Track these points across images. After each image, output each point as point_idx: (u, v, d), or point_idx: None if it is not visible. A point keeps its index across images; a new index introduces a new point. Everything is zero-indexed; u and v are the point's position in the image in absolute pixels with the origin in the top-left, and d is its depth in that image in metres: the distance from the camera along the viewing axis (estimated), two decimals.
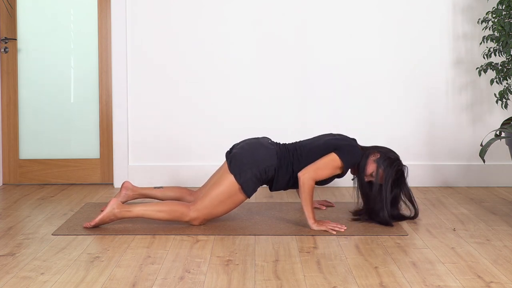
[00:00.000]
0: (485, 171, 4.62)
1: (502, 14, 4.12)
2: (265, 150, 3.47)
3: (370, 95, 4.61)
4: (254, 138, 3.61)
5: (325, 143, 3.50)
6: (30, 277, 2.67)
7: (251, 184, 3.42)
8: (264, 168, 3.43)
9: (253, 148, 3.48)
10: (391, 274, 2.69)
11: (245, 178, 3.39)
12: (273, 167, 3.45)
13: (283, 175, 3.48)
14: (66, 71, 4.75)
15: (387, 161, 3.46)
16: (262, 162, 3.43)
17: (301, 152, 3.50)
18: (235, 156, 3.46)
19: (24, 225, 3.55)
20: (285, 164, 3.47)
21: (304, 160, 3.47)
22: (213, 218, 3.50)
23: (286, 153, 3.50)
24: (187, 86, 4.65)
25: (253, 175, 3.40)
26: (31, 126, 4.76)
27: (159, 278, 2.66)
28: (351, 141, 3.54)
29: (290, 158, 3.49)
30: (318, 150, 3.49)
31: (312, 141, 3.59)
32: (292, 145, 3.57)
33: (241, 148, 3.50)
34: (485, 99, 4.63)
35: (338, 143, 3.48)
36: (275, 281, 2.61)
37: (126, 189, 3.81)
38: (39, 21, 4.73)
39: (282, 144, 3.58)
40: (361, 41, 4.61)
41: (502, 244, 3.13)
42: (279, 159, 3.47)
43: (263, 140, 3.57)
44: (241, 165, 3.41)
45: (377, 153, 3.50)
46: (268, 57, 4.62)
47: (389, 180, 3.43)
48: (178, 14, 4.62)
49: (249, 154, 3.45)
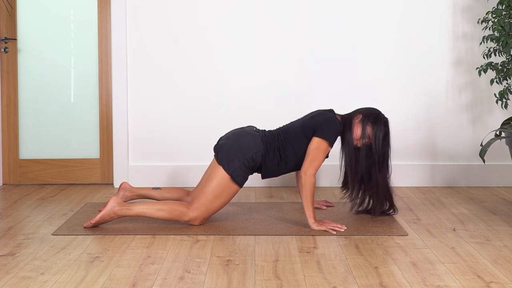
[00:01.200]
0: (485, 171, 4.62)
1: (502, 14, 4.12)
2: (250, 137, 3.49)
3: (369, 94, 4.61)
4: (239, 128, 3.62)
5: (303, 124, 3.51)
6: (30, 277, 2.67)
7: (240, 173, 3.42)
8: (251, 155, 3.44)
9: (238, 137, 3.50)
10: (391, 274, 2.69)
11: (233, 168, 3.41)
12: (259, 153, 3.46)
13: (270, 160, 3.49)
14: (66, 71, 4.75)
15: (371, 117, 3.49)
16: (248, 150, 3.44)
17: (285, 136, 3.52)
18: (221, 147, 3.48)
19: (24, 225, 3.55)
20: (272, 149, 3.48)
21: (289, 144, 3.49)
22: (212, 214, 3.50)
23: (271, 138, 3.52)
24: (187, 86, 4.65)
25: (241, 163, 3.42)
26: (31, 126, 4.76)
27: (159, 278, 2.66)
28: (327, 113, 3.52)
29: (276, 143, 3.50)
30: (298, 132, 3.49)
31: (292, 124, 3.59)
32: (276, 130, 3.59)
33: (226, 139, 3.52)
34: (485, 99, 4.63)
35: (315, 123, 3.47)
36: (275, 281, 2.61)
37: (124, 190, 3.81)
38: (39, 21, 4.73)
39: (268, 130, 3.60)
40: (361, 41, 4.61)
41: (502, 244, 3.13)
42: (265, 144, 3.48)
43: (248, 128, 3.59)
44: (228, 155, 3.42)
45: (359, 114, 3.51)
46: (268, 58, 4.62)
47: (379, 135, 3.46)
48: (178, 14, 4.62)
49: (235, 143, 3.46)
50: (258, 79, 4.64)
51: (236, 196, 4.31)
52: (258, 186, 4.66)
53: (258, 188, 4.61)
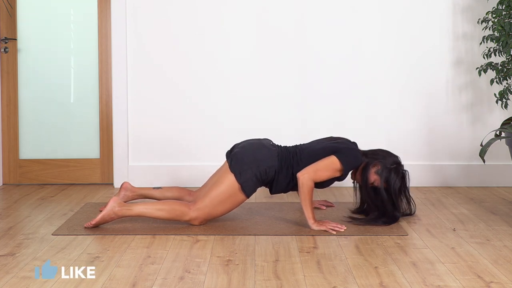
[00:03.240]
0: (485, 171, 4.62)
1: (502, 14, 4.12)
2: (266, 150, 3.47)
3: (370, 95, 4.61)
4: (255, 139, 3.61)
5: (325, 147, 3.51)
6: (30, 277, 2.67)
7: (251, 184, 3.42)
8: (265, 168, 3.43)
9: (255, 148, 3.48)
10: (391, 274, 2.69)
11: (245, 178, 3.39)
12: (273, 168, 3.44)
13: (283, 177, 3.48)
14: (66, 71, 4.75)
15: (387, 171, 3.48)
16: (263, 163, 3.43)
17: (301, 155, 3.50)
18: (236, 155, 3.46)
19: (24, 225, 3.55)
20: (285, 167, 3.47)
21: (304, 164, 3.47)
22: (213, 218, 3.50)
23: (287, 155, 3.50)
24: (187, 86, 4.65)
25: (253, 175, 3.40)
26: (31, 126, 4.76)
27: (159, 278, 2.66)
28: (351, 144, 3.55)
29: (290, 161, 3.48)
30: (318, 154, 3.49)
31: (312, 144, 3.59)
32: (293, 148, 3.58)
33: (242, 148, 3.51)
34: (485, 99, 4.63)
35: (338, 146, 3.49)
36: (275, 281, 2.61)
37: (125, 190, 3.82)
38: (39, 21, 4.72)
39: (284, 146, 3.59)
40: (361, 41, 4.61)
41: (502, 244, 3.13)
42: (280, 161, 3.47)
43: (265, 141, 3.58)
44: (242, 165, 3.41)
45: (378, 164, 3.51)
46: (268, 58, 4.62)
47: (395, 187, 3.46)
48: (178, 14, 4.62)
49: (250, 154, 3.45)
50: (258, 78, 4.64)
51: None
52: None
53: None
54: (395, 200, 3.49)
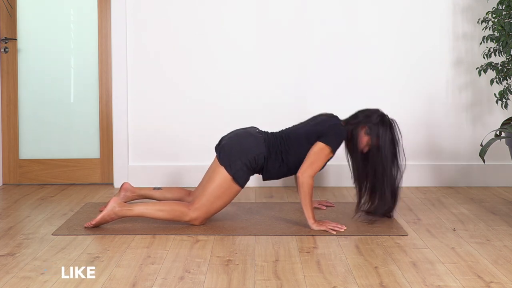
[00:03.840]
0: (485, 171, 4.62)
1: (502, 14, 4.12)
2: (253, 138, 3.48)
3: (370, 94, 4.61)
4: (241, 129, 3.62)
5: (308, 132, 3.50)
6: (30, 277, 2.67)
7: (242, 174, 3.42)
8: (253, 156, 3.43)
9: (241, 138, 3.49)
10: (391, 274, 2.69)
11: (235, 168, 3.41)
12: (262, 155, 3.45)
13: (272, 162, 3.48)
14: (66, 71, 4.75)
15: (375, 127, 3.46)
16: (250, 151, 3.44)
17: (288, 140, 3.51)
18: (224, 147, 3.48)
19: (24, 225, 3.55)
20: (274, 152, 3.48)
21: (292, 149, 3.48)
22: (213, 214, 3.49)
23: (274, 140, 3.51)
24: (188, 86, 4.65)
25: (243, 164, 3.41)
26: (31, 126, 4.76)
27: (159, 278, 2.66)
28: (332, 120, 3.51)
29: (278, 146, 3.50)
30: (301, 139, 3.49)
31: (296, 128, 3.58)
32: (279, 133, 3.58)
33: (229, 139, 3.52)
34: (485, 99, 4.63)
35: (321, 129, 3.46)
36: (275, 281, 2.61)
37: (125, 190, 3.82)
38: (39, 21, 4.73)
39: (270, 132, 3.59)
40: (361, 41, 4.61)
41: (502, 244, 3.13)
42: (268, 147, 3.48)
43: (251, 129, 3.58)
44: (230, 156, 3.42)
45: (364, 126, 3.48)
46: (269, 57, 4.62)
47: (386, 139, 3.45)
48: (178, 14, 4.62)
49: (237, 144, 3.46)
50: (258, 78, 4.64)
51: (236, 197, 4.30)
52: (258, 186, 4.66)
53: (258, 188, 4.61)
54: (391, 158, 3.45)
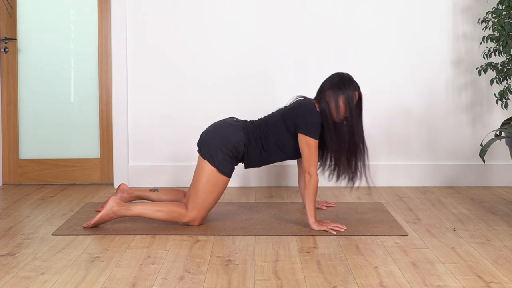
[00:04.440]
0: (485, 171, 4.62)
1: (502, 14, 4.12)
2: (230, 128, 3.49)
3: (369, 94, 4.61)
4: (219, 120, 3.61)
5: (283, 115, 3.47)
6: (30, 277, 2.67)
7: (226, 164, 3.43)
8: (233, 144, 3.44)
9: (218, 129, 3.50)
10: (391, 274, 2.69)
11: (218, 160, 3.41)
12: (241, 142, 3.45)
13: (253, 149, 3.48)
14: (66, 71, 4.75)
15: (337, 88, 3.42)
16: (230, 140, 3.44)
17: (266, 126, 3.51)
18: (203, 141, 3.49)
19: (24, 225, 3.55)
20: (254, 139, 3.48)
21: (271, 135, 3.48)
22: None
23: (252, 128, 3.51)
24: (188, 86, 4.65)
25: (224, 154, 3.42)
26: (31, 126, 4.76)
27: (159, 278, 2.66)
28: (305, 105, 3.46)
29: (258, 133, 3.49)
30: (280, 123, 3.48)
31: (273, 114, 3.57)
32: (258, 120, 3.58)
33: (207, 132, 3.53)
34: (485, 99, 4.63)
35: (295, 117, 3.42)
36: (275, 281, 2.61)
37: (122, 191, 3.81)
38: (39, 21, 4.73)
39: (249, 120, 3.59)
40: (361, 41, 4.61)
41: (502, 244, 3.13)
42: (246, 134, 3.48)
43: (228, 119, 3.58)
44: (210, 148, 3.43)
45: (328, 94, 3.44)
46: (269, 55, 4.62)
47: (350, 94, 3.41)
48: (178, 14, 4.62)
49: (216, 135, 3.47)
50: (260, 79, 4.64)
51: (236, 196, 4.31)
52: (258, 186, 4.66)
53: (258, 188, 4.61)
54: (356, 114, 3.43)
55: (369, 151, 4.50)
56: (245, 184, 4.68)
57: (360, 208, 3.92)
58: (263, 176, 4.67)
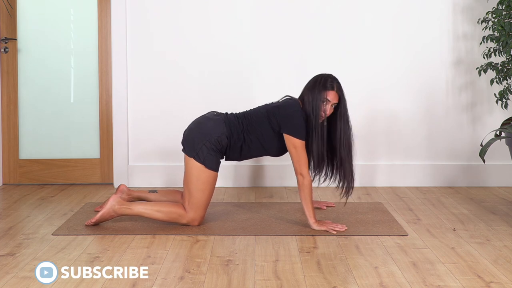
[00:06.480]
0: (485, 171, 4.62)
1: (502, 14, 4.12)
2: (211, 122, 3.48)
3: (369, 94, 4.61)
4: (199, 116, 3.61)
5: (268, 111, 3.47)
6: (30, 277, 2.67)
7: (211, 158, 3.42)
8: (215, 138, 3.43)
9: (200, 124, 3.50)
10: (391, 274, 2.69)
11: (203, 156, 3.41)
12: (224, 135, 3.45)
13: (235, 142, 3.48)
14: (66, 71, 4.75)
15: (309, 90, 3.46)
16: (211, 135, 3.43)
17: (250, 119, 3.51)
18: (186, 139, 3.50)
19: (24, 225, 3.55)
20: (236, 131, 3.48)
21: (253, 129, 3.48)
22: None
23: (235, 120, 3.51)
24: (188, 86, 4.65)
25: (209, 149, 3.42)
26: (31, 126, 4.76)
27: (159, 278, 2.66)
28: (290, 107, 3.45)
29: (240, 126, 3.49)
30: (263, 119, 3.48)
31: (258, 109, 3.56)
32: (241, 113, 3.57)
33: (189, 130, 3.53)
34: (485, 99, 4.63)
35: (280, 117, 3.43)
36: (275, 281, 2.61)
37: (122, 192, 3.81)
38: (39, 21, 4.72)
39: (230, 113, 3.59)
40: (360, 42, 4.61)
41: (502, 244, 3.13)
42: (229, 126, 3.47)
43: (209, 114, 3.58)
44: (194, 145, 3.43)
45: (304, 93, 3.48)
46: (270, 55, 4.62)
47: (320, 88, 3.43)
48: (179, 14, 4.61)
49: (197, 131, 3.47)
50: (261, 78, 4.64)
51: (236, 196, 4.31)
52: (258, 186, 4.66)
53: (258, 188, 4.61)
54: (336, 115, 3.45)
55: (369, 151, 4.54)
56: (245, 184, 4.68)
57: (360, 208, 3.92)
58: (263, 176, 4.67)
